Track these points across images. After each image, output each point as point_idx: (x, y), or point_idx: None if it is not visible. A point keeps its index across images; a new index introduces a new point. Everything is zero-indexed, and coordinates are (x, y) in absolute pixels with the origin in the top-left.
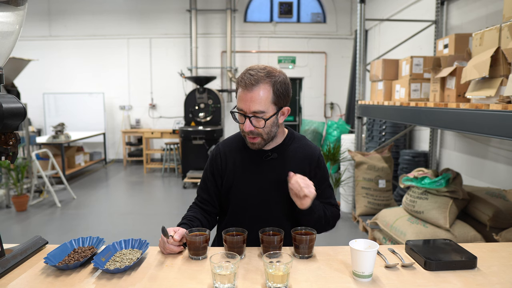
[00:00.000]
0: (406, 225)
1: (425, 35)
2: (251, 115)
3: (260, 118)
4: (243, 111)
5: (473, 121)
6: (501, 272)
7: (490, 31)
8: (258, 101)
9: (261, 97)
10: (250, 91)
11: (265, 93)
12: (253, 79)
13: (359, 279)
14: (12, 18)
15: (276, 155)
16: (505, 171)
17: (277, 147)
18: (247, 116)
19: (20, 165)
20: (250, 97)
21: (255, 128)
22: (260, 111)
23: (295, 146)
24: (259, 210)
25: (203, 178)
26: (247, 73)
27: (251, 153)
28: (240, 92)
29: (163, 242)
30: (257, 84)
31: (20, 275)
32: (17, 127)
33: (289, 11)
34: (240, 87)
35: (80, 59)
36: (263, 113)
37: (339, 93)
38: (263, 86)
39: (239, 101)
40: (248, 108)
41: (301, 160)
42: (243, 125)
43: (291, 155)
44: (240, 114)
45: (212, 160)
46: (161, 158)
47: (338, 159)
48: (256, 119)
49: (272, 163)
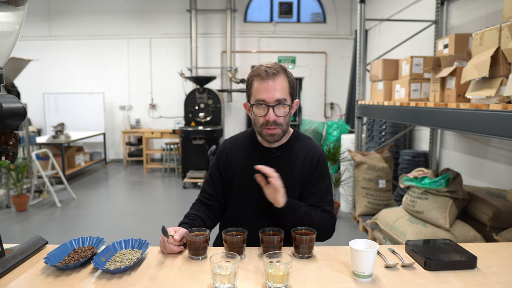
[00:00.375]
0: (406, 225)
1: (425, 35)
2: (274, 104)
3: (284, 105)
4: (265, 101)
5: (473, 121)
6: (501, 272)
7: (490, 31)
8: (280, 89)
9: (282, 86)
10: (273, 81)
11: (284, 82)
12: (273, 70)
13: (359, 279)
14: (12, 18)
15: (280, 153)
16: (505, 171)
17: (282, 145)
18: (270, 106)
19: (20, 165)
20: (273, 85)
21: (277, 118)
22: (283, 98)
23: (299, 145)
24: (260, 207)
25: (209, 173)
26: (263, 67)
27: (255, 151)
28: (259, 84)
29: (163, 242)
30: (278, 74)
31: (20, 275)
32: (17, 127)
33: (289, 11)
34: (258, 79)
35: (80, 59)
36: (285, 100)
37: (339, 93)
38: (282, 76)
39: (259, 93)
40: (272, 96)
41: (303, 160)
42: (264, 117)
43: (294, 154)
44: (261, 105)
45: (218, 156)
46: (161, 158)
47: (338, 159)
48: (278, 107)
49: (275, 161)
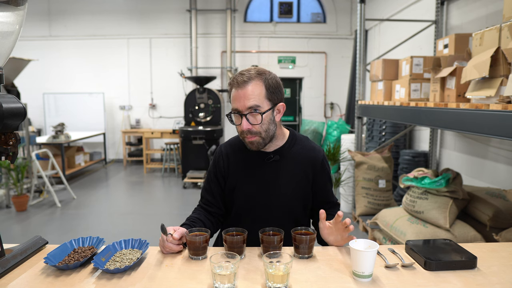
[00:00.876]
0: (406, 225)
1: (425, 35)
2: (247, 112)
3: (256, 113)
4: (238, 110)
5: (473, 121)
6: (501, 272)
7: (490, 31)
8: (252, 96)
9: (254, 92)
10: (243, 88)
11: (258, 88)
12: (245, 77)
13: (359, 279)
14: (12, 18)
15: (278, 157)
16: (505, 171)
17: (279, 149)
18: (243, 115)
19: (20, 165)
20: (243, 93)
21: (252, 126)
22: (255, 105)
23: (298, 148)
24: (262, 212)
25: (207, 179)
26: (238, 74)
27: (253, 155)
28: (233, 92)
29: (162, 241)
30: (249, 81)
31: (20, 275)
32: (17, 127)
33: (289, 11)
34: (233, 87)
35: (80, 59)
36: (258, 107)
37: (339, 93)
38: (255, 82)
39: (233, 102)
40: (243, 105)
41: (304, 163)
42: (240, 126)
43: (293, 157)
44: (236, 114)
45: (215, 162)
46: (161, 158)
47: (338, 159)
48: (252, 115)
49: (274, 165)
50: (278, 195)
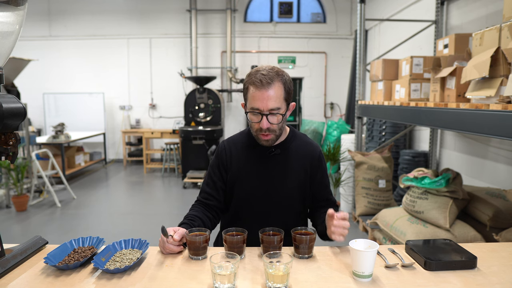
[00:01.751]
0: (406, 225)
1: (425, 35)
2: (268, 112)
3: (277, 115)
4: (259, 110)
5: (473, 121)
6: (501, 272)
7: (490, 31)
8: (274, 99)
9: (277, 95)
10: (267, 90)
11: (279, 90)
12: (268, 78)
13: (359, 279)
14: (12, 18)
15: (280, 151)
16: (505, 171)
17: (280, 144)
18: (263, 114)
19: (20, 165)
20: (267, 95)
21: (271, 125)
22: (277, 107)
23: (297, 143)
24: (262, 205)
25: (208, 174)
26: (258, 74)
27: (255, 149)
28: (254, 92)
29: (162, 242)
30: (272, 83)
31: (20, 275)
32: (17, 127)
33: (289, 11)
34: (253, 86)
35: (80, 59)
36: (279, 109)
37: (339, 93)
38: (277, 84)
39: (254, 101)
40: (266, 106)
41: (302, 157)
42: (258, 124)
43: (293, 152)
44: (256, 113)
45: (218, 155)
46: (161, 158)
47: (338, 159)
48: (272, 116)
49: (275, 159)
50: (279, 188)
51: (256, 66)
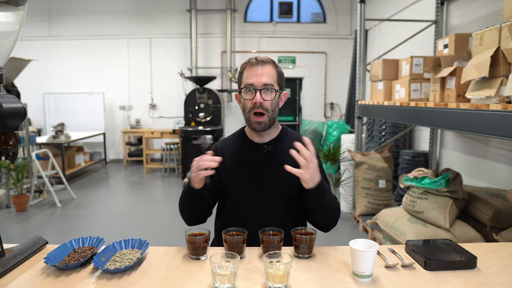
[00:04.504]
0: (406, 225)
1: (425, 35)
2: (262, 87)
3: (271, 90)
4: (253, 85)
5: (473, 121)
6: (501, 272)
7: (490, 31)
8: (268, 75)
9: (270, 72)
10: (262, 66)
11: (272, 70)
12: (262, 59)
13: (359, 279)
14: (12, 18)
15: (272, 147)
16: (505, 171)
17: (272, 140)
18: (257, 89)
19: (20, 165)
20: (261, 71)
21: (264, 101)
22: (270, 83)
23: (289, 140)
24: (258, 202)
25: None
26: (253, 58)
27: (247, 147)
28: (248, 69)
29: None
30: (265, 62)
31: (20, 275)
32: (17, 127)
33: (289, 11)
34: (249, 65)
35: (80, 59)
36: (272, 86)
37: (339, 93)
38: (270, 65)
39: (248, 77)
40: (260, 81)
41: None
42: (251, 101)
43: (285, 148)
44: (249, 90)
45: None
46: (161, 158)
47: (338, 159)
48: (266, 92)
49: (268, 155)
50: (273, 185)
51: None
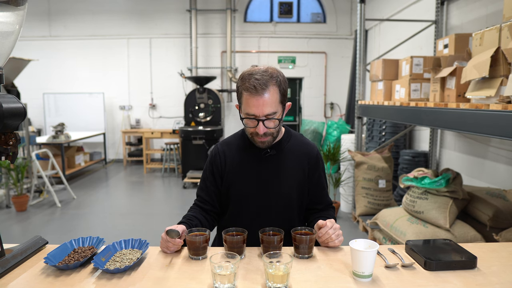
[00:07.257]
0: (406, 225)
1: (425, 35)
2: (264, 118)
3: (273, 119)
4: (255, 116)
5: (473, 121)
6: (501, 272)
7: (490, 31)
8: (270, 104)
9: (272, 100)
10: (262, 96)
11: (274, 95)
12: (262, 83)
13: (359, 279)
14: (12, 18)
15: (275, 152)
16: (505, 171)
17: (275, 144)
18: (260, 120)
19: (20, 165)
20: (262, 101)
21: (268, 129)
22: (273, 112)
23: (293, 143)
24: (260, 206)
25: (202, 178)
26: (252, 79)
27: (250, 151)
28: (248, 97)
29: (165, 242)
30: (266, 88)
31: (20, 275)
32: (17, 127)
33: (289, 11)
34: (248, 92)
35: (80, 59)
36: (275, 113)
37: (339, 93)
38: (272, 88)
39: (249, 107)
40: (261, 112)
41: (298, 157)
42: (254, 128)
43: (290, 151)
44: (251, 119)
45: (212, 160)
46: (161, 158)
47: (338, 159)
48: (268, 121)
49: (271, 159)
50: (276, 189)
51: (256, 65)
